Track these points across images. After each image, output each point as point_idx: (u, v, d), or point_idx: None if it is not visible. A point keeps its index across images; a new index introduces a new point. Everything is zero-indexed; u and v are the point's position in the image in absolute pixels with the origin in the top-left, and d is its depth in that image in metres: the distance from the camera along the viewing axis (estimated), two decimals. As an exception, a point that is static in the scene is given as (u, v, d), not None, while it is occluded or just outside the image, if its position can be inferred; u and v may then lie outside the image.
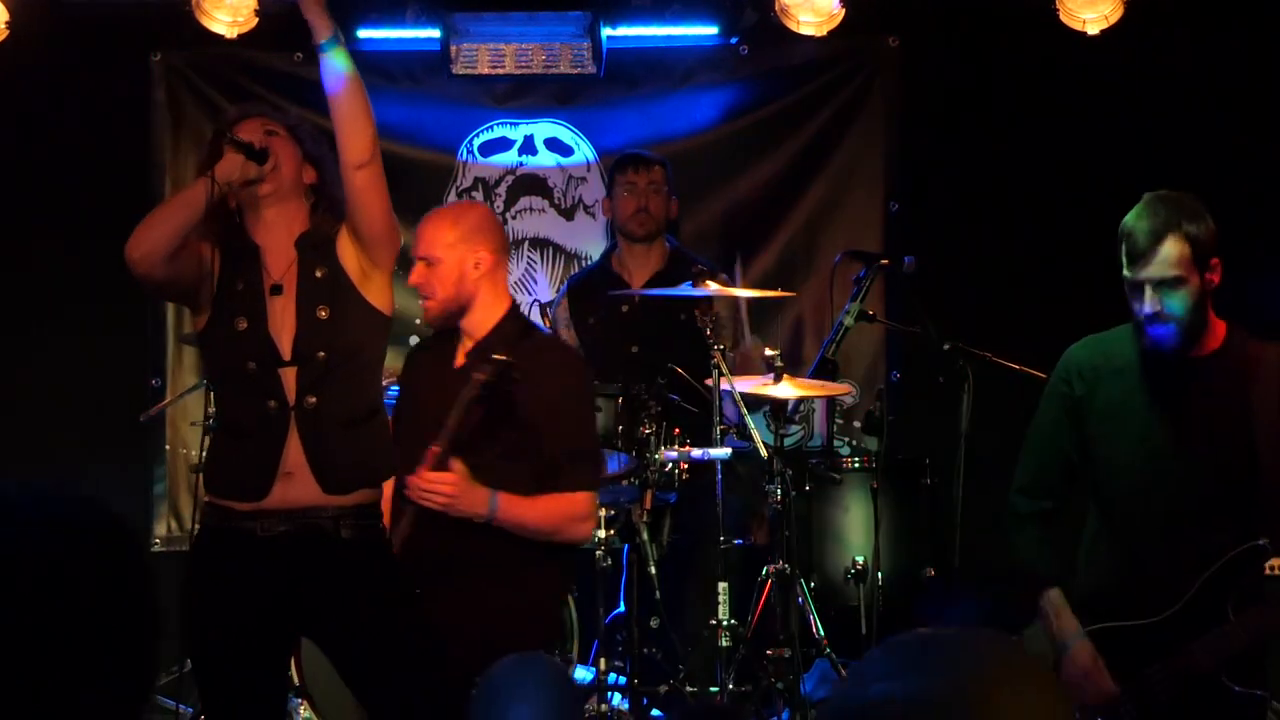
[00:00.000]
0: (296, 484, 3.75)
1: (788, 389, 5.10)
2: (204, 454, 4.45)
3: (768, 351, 5.39)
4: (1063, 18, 6.51)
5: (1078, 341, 4.17)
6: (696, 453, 5.23)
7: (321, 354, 3.80)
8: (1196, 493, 3.92)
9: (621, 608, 5.64)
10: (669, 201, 6.28)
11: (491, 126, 7.13)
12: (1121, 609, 3.93)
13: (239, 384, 3.84)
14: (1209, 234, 3.85)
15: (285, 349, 3.80)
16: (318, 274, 3.85)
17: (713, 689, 5.04)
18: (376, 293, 3.91)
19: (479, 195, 7.10)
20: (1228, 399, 3.92)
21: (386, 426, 4.07)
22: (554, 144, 7.13)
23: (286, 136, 3.91)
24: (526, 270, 7.09)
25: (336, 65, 3.79)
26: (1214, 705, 3.79)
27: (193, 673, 3.89)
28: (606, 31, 6.80)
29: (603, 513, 5.39)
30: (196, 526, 3.86)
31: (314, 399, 3.78)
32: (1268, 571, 3.93)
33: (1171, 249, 3.80)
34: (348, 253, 3.88)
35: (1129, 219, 3.89)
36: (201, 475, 4.03)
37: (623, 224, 6.31)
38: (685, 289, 5.38)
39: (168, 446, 6.96)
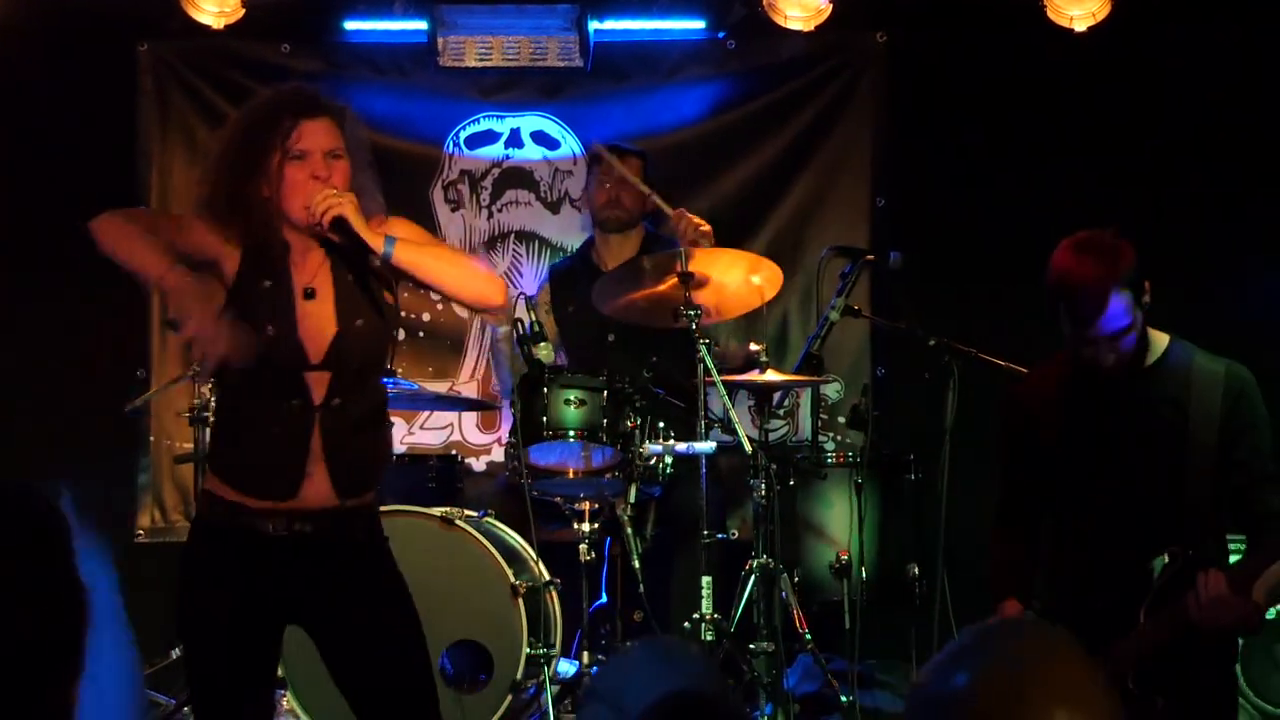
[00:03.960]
0: (314, 483, 3.66)
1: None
2: (207, 443, 4.31)
3: (753, 346, 5.40)
4: (1050, 14, 6.52)
5: (1018, 381, 4.41)
6: (681, 446, 5.24)
7: (356, 361, 3.69)
8: (1128, 504, 4.06)
9: (604, 600, 5.65)
10: (644, 194, 6.20)
11: (478, 119, 7.12)
12: (1062, 615, 4.06)
13: (259, 384, 3.67)
14: (1136, 267, 3.95)
15: (318, 353, 3.65)
16: (350, 278, 3.69)
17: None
18: (390, 293, 3.79)
19: (465, 188, 7.10)
20: (1163, 412, 4.05)
21: (390, 425, 3.97)
22: (540, 137, 7.12)
23: (344, 158, 3.68)
24: (512, 263, 7.08)
25: (406, 259, 3.66)
26: None
27: (185, 667, 3.84)
28: (594, 25, 6.81)
29: (587, 506, 5.40)
30: (192, 512, 3.76)
31: (339, 400, 3.67)
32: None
33: (1116, 304, 3.93)
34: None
35: (1061, 277, 3.99)
36: (206, 464, 3.91)
37: (596, 213, 6.31)
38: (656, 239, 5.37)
39: (152, 438, 6.95)
